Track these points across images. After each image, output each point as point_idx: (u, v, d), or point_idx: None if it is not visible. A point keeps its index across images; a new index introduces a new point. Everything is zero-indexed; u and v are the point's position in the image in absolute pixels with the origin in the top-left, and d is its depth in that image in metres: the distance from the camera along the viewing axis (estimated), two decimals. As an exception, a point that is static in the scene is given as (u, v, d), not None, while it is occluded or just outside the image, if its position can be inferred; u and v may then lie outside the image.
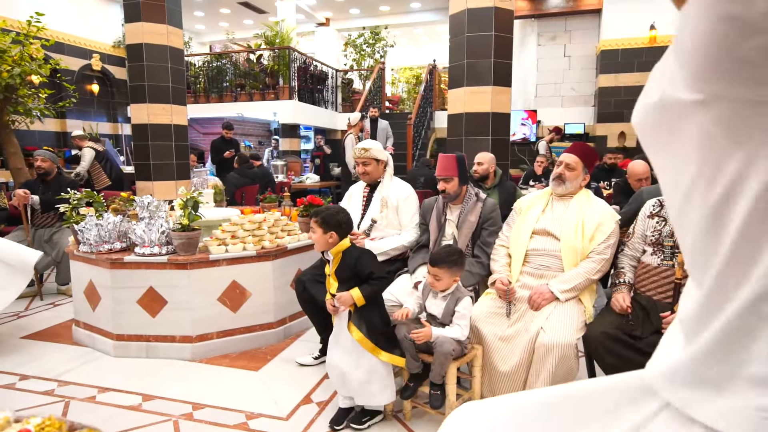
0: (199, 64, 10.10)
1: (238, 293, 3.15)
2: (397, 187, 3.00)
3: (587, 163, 2.50)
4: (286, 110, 9.46)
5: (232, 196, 6.35)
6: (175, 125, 5.87)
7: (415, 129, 9.14)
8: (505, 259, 2.56)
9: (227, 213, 3.87)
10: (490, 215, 2.73)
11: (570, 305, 2.27)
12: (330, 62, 11.65)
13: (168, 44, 5.63)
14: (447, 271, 2.18)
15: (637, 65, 8.92)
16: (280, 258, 3.30)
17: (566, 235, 2.37)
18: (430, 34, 13.98)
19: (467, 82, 4.45)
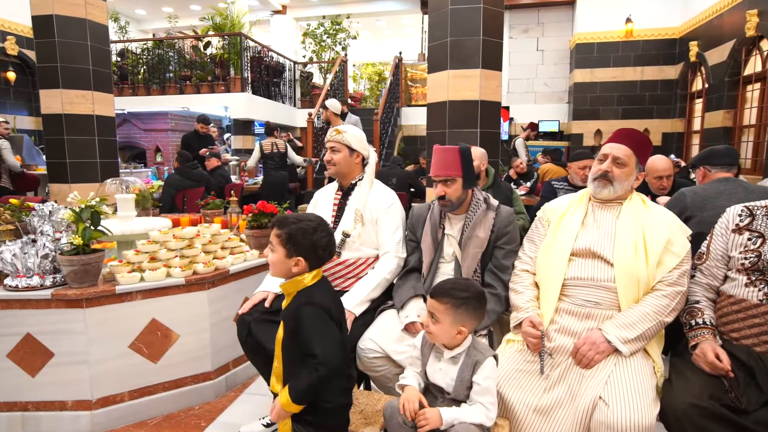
0: (138, 51, 8.97)
1: (159, 336, 2.30)
2: (379, 193, 2.24)
3: (641, 155, 1.83)
4: (238, 104, 8.51)
5: (171, 201, 5.41)
6: (99, 116, 4.86)
7: (382, 125, 8.41)
8: (532, 290, 1.85)
9: (154, 224, 3.00)
10: (507, 229, 2.01)
11: (637, 361, 1.57)
12: (287, 53, 10.74)
13: (87, 17, 4.62)
14: (450, 313, 1.45)
15: (613, 60, 8.54)
16: (220, 285, 2.48)
17: (622, 257, 1.68)
18: (395, 27, 13.29)
19: (451, 65, 3.74)
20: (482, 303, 1.51)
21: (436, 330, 1.47)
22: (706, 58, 7.26)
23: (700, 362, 1.55)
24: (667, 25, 8.27)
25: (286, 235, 1.47)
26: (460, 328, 1.44)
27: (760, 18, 5.82)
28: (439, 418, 1.38)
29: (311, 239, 1.48)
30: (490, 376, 1.44)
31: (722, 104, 6.78)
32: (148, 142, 9.42)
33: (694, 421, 1.42)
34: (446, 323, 1.44)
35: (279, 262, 1.48)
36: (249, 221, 2.90)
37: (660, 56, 8.38)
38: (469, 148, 2.01)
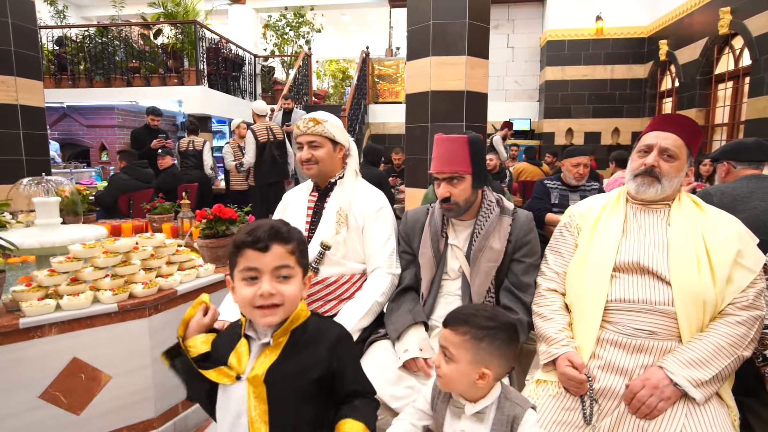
0: (78, 39, 8.14)
1: (83, 380, 1.79)
2: (364, 193, 1.82)
3: (693, 146, 1.49)
4: (193, 98, 7.84)
5: (114, 204, 4.78)
6: (25, 106, 4.20)
7: (349, 122, 7.97)
8: (564, 315, 1.48)
9: (84, 233, 2.47)
10: (527, 239, 1.63)
11: (714, 411, 1.22)
12: (247, 46, 10.12)
13: (7, -9, 3.97)
14: (470, 348, 1.07)
15: (584, 58, 8.43)
16: (165, 310, 1.99)
17: (682, 273, 1.33)
18: (361, 23, 12.85)
19: (434, 51, 3.36)
20: (513, 338, 1.12)
21: (449, 372, 1.07)
22: (676, 56, 7.22)
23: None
24: (635, 24, 8.23)
25: (299, 249, 1.04)
26: (483, 371, 1.05)
27: (733, 15, 5.76)
28: None
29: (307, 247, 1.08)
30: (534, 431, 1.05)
31: (694, 103, 6.74)
32: (92, 140, 8.58)
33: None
34: (464, 362, 1.05)
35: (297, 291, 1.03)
36: (203, 229, 2.42)
37: (629, 55, 8.34)
38: (480, 138, 1.62)
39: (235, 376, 1.02)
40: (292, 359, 1.02)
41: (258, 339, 1.05)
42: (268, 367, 1.01)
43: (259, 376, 1.00)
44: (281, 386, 1.00)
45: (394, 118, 9.23)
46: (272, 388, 0.99)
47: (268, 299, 0.97)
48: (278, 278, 1.00)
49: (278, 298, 0.98)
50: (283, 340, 1.03)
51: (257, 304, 0.98)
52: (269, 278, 0.99)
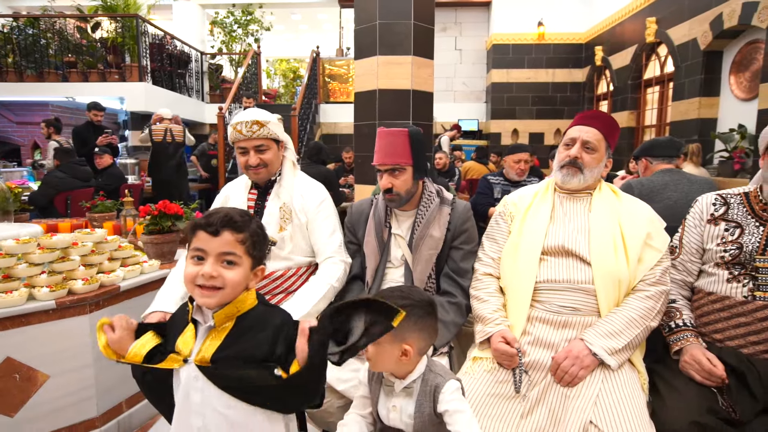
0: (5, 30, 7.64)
1: (18, 380, 1.73)
2: (305, 188, 1.84)
3: (611, 140, 1.64)
4: (136, 95, 7.55)
5: (50, 203, 4.55)
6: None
7: (300, 122, 7.93)
8: (498, 297, 1.58)
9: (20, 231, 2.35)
10: (464, 227, 1.73)
11: (626, 375, 1.36)
12: (194, 43, 9.84)
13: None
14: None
15: (527, 61, 8.80)
16: (107, 306, 1.95)
17: (600, 255, 1.47)
18: (311, 22, 12.78)
19: (381, 50, 3.44)
20: (429, 312, 1.18)
21: (375, 353, 1.14)
22: (610, 62, 7.70)
23: (690, 370, 1.37)
24: (573, 30, 8.69)
25: (250, 239, 1.06)
26: (404, 347, 1.12)
27: (659, 25, 6.22)
28: None
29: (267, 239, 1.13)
30: (454, 397, 1.12)
31: (626, 105, 7.21)
32: (23, 137, 8.09)
33: (698, 442, 1.23)
34: (385, 341, 1.10)
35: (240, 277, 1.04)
36: (147, 224, 2.37)
37: (569, 60, 8.79)
38: (420, 131, 1.71)
39: (183, 359, 1.04)
40: (236, 344, 1.04)
41: (204, 323, 1.07)
42: (214, 351, 1.03)
43: (206, 358, 1.02)
44: (226, 368, 1.03)
45: (346, 117, 9.27)
46: (218, 371, 1.02)
47: (208, 280, 1.00)
48: (223, 263, 1.03)
49: (219, 281, 1.01)
50: (228, 326, 1.06)
51: (198, 282, 1.01)
52: (213, 261, 1.02)
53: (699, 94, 5.34)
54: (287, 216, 1.76)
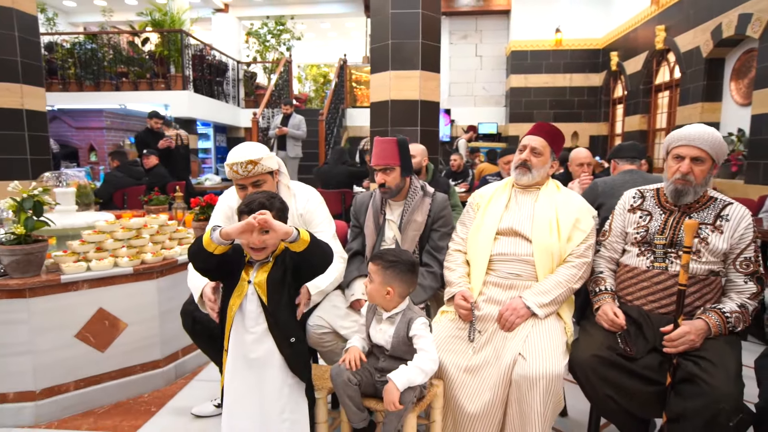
0: (68, 45, 8.54)
1: (107, 325, 2.32)
2: (301, 201, 2.09)
3: (555, 146, 2.10)
4: (179, 102, 8.32)
5: (110, 199, 5.26)
6: (30, 111, 4.67)
7: (328, 126, 8.52)
8: (463, 267, 2.06)
9: (95, 218, 2.97)
10: (442, 213, 2.22)
11: (551, 323, 1.82)
12: (230, 53, 10.60)
13: (13, 7, 4.44)
14: (379, 273, 1.63)
15: (545, 67, 9.14)
16: (168, 275, 2.53)
17: (539, 235, 1.93)
18: (339, 30, 13.42)
19: (393, 66, 3.95)
20: (410, 269, 1.66)
21: (371, 289, 1.64)
22: (624, 67, 7.96)
23: (601, 320, 1.82)
24: (591, 36, 8.97)
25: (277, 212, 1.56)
26: (388, 289, 1.61)
27: (667, 33, 6.49)
28: (395, 388, 1.51)
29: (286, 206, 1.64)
30: (421, 328, 1.60)
31: (638, 109, 7.47)
32: (81, 141, 8.96)
33: (595, 368, 1.68)
34: (377, 282, 1.61)
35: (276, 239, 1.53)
36: (197, 213, 2.96)
37: (586, 65, 9.08)
38: (407, 140, 2.21)
39: (247, 281, 1.56)
40: (277, 270, 1.56)
41: (257, 261, 1.59)
42: (266, 276, 1.55)
43: (262, 280, 1.54)
44: (273, 285, 1.54)
45: (371, 121, 9.81)
46: (269, 286, 1.54)
47: (256, 245, 1.53)
48: (261, 232, 1.55)
49: (262, 244, 1.53)
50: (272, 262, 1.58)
51: (250, 246, 1.53)
52: (257, 232, 1.53)
53: (702, 99, 5.61)
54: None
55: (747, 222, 1.74)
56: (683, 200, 1.79)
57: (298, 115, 7.24)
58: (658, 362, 1.68)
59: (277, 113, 8.76)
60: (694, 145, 1.75)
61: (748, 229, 1.74)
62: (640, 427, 1.84)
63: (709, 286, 1.75)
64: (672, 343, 1.63)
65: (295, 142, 7.20)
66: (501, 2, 9.26)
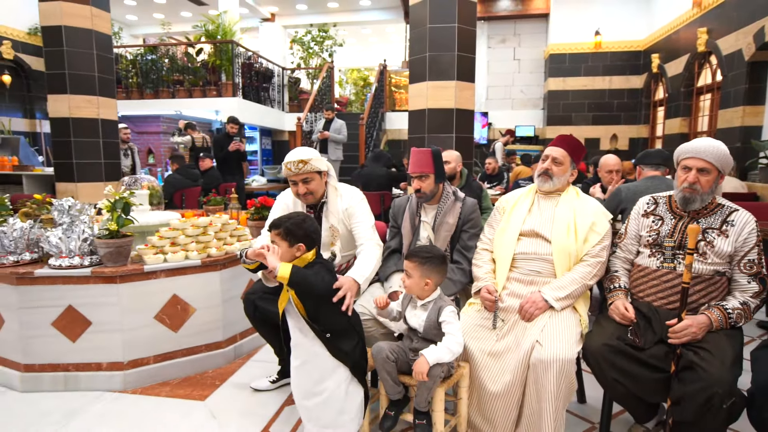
0: (130, 57, 9.27)
1: (179, 309, 2.70)
2: (347, 200, 2.38)
3: (575, 156, 2.30)
4: (229, 108, 8.86)
5: (170, 199, 5.77)
6: (104, 120, 5.22)
7: (367, 130, 8.85)
8: (490, 264, 2.30)
9: (165, 217, 3.39)
10: (471, 216, 2.47)
11: (566, 315, 2.04)
12: (276, 60, 11.13)
13: (93, 28, 4.99)
14: (417, 268, 1.90)
15: (584, 70, 9.13)
16: (230, 267, 2.88)
17: (557, 236, 2.15)
18: (380, 35, 13.76)
19: (430, 77, 4.21)
20: (443, 262, 1.94)
21: (409, 283, 1.92)
22: (665, 69, 7.88)
23: (613, 314, 2.02)
24: (632, 38, 8.90)
25: (284, 231, 1.85)
26: (427, 281, 1.88)
27: (709, 35, 6.43)
28: (425, 362, 1.79)
29: (304, 228, 1.88)
30: (450, 315, 1.86)
31: (679, 112, 7.40)
32: (141, 144, 9.70)
33: (604, 355, 1.89)
34: (416, 277, 1.88)
35: (285, 253, 1.84)
36: (252, 213, 3.32)
37: (626, 67, 9.01)
38: (440, 150, 2.47)
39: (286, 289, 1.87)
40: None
41: None
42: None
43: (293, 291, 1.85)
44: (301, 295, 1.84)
45: (409, 124, 10.09)
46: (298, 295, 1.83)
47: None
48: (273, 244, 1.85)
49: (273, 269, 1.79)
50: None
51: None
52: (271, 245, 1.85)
53: (743, 103, 5.56)
54: (336, 233, 2.41)
55: (751, 227, 1.91)
56: (691, 207, 1.97)
57: (340, 120, 7.62)
58: (663, 352, 1.87)
59: (319, 117, 9.18)
60: (700, 157, 1.93)
61: (751, 233, 1.90)
62: (648, 410, 2.04)
63: (714, 285, 1.93)
64: (676, 335, 1.82)
65: (336, 145, 7.57)
66: (539, 6, 9.33)
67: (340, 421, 1.88)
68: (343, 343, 1.89)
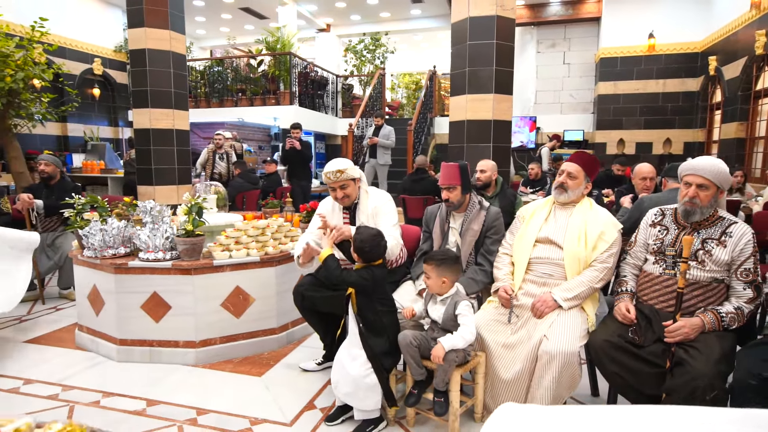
0: (200, 68, 10.13)
1: (241, 299, 3.16)
2: (372, 204, 2.81)
3: (589, 171, 2.53)
4: (287, 115, 9.49)
5: (233, 201, 6.37)
6: (177, 130, 5.88)
7: (416, 135, 9.18)
8: (509, 267, 2.58)
9: (230, 218, 3.88)
10: (494, 223, 2.75)
11: (573, 313, 2.29)
12: (330, 68, 11.70)
13: (171, 50, 5.65)
14: (434, 270, 2.21)
15: (636, 73, 8.98)
16: (283, 264, 3.31)
17: (569, 243, 2.40)
18: (431, 41, 14.04)
19: (469, 90, 4.48)
20: (456, 262, 2.26)
21: (429, 283, 2.24)
22: (723, 72, 7.64)
23: (617, 314, 2.25)
24: (689, 40, 8.66)
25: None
26: (444, 279, 2.20)
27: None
28: (442, 347, 2.12)
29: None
30: (465, 308, 2.16)
31: (736, 116, 7.17)
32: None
33: (605, 350, 2.13)
34: (434, 277, 2.21)
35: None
36: (303, 217, 3.75)
37: (682, 69, 8.77)
38: (467, 165, 2.77)
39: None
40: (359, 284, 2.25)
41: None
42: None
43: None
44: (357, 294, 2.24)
45: (457, 129, 10.31)
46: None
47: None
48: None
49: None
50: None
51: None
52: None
53: (800, 109, 5.39)
54: None
55: (747, 238, 2.08)
56: (691, 219, 2.17)
57: (388, 126, 8.00)
58: (661, 350, 2.08)
59: (370, 123, 9.63)
60: (699, 174, 2.12)
61: (748, 244, 2.07)
62: (648, 403, 2.24)
63: (711, 291, 2.11)
64: (670, 334, 2.03)
65: (385, 150, 7.95)
66: (591, 9, 9.26)
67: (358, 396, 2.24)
68: (371, 338, 2.25)
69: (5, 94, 5.16)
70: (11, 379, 2.78)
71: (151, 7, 5.49)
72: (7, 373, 2.86)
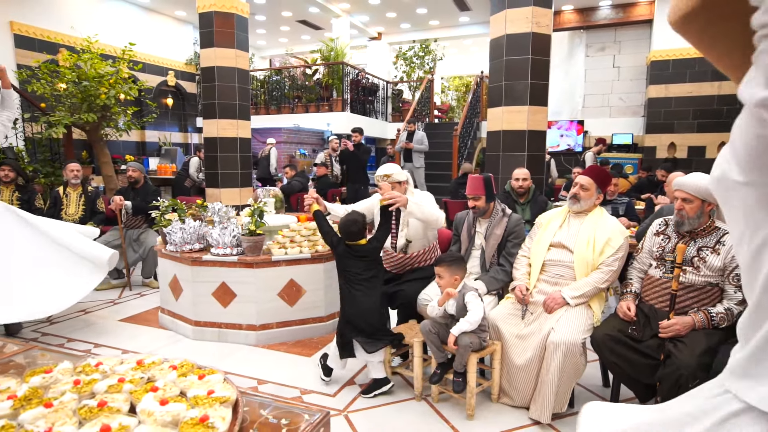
0: (261, 78, 10.91)
1: (294, 290, 3.66)
2: (417, 196, 3.23)
3: (600, 184, 2.81)
4: (339, 121, 10.06)
5: (288, 202, 6.97)
6: (240, 138, 6.55)
7: (461, 139, 9.46)
8: (526, 268, 2.91)
9: (286, 220, 4.41)
10: (515, 229, 3.08)
11: (579, 309, 2.59)
12: (381, 74, 12.19)
13: (236, 66, 6.31)
14: (446, 270, 2.58)
15: (689, 75, 8.81)
16: (331, 261, 3.78)
17: (579, 248, 2.70)
18: (480, 45, 14.19)
19: (505, 102, 4.77)
20: (462, 261, 2.63)
21: (442, 282, 2.62)
22: (782, 74, 7.39)
23: (619, 312, 2.53)
24: (747, 40, 8.38)
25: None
26: (455, 277, 2.57)
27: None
28: (452, 335, 2.50)
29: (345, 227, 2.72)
30: (471, 296, 2.53)
31: (794, 120, 6.93)
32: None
33: (606, 343, 2.42)
34: (447, 276, 2.58)
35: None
36: (350, 219, 4.21)
37: (740, 71, 8.49)
38: (491, 177, 3.12)
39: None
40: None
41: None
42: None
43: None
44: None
45: (504, 133, 10.49)
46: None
47: None
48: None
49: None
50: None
51: None
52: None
53: None
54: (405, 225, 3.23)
55: (739, 248, 2.31)
56: (682, 228, 2.42)
57: (421, 132, 8.37)
58: (657, 344, 2.36)
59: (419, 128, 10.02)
60: (682, 190, 2.37)
61: (739, 253, 2.30)
62: (646, 391, 2.51)
63: (705, 294, 2.36)
64: (664, 330, 2.30)
65: (419, 154, 8.32)
66: (642, 12, 9.16)
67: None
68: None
69: (100, 109, 6.00)
70: (112, 349, 3.43)
71: (220, 29, 6.17)
72: (109, 344, 3.52)
